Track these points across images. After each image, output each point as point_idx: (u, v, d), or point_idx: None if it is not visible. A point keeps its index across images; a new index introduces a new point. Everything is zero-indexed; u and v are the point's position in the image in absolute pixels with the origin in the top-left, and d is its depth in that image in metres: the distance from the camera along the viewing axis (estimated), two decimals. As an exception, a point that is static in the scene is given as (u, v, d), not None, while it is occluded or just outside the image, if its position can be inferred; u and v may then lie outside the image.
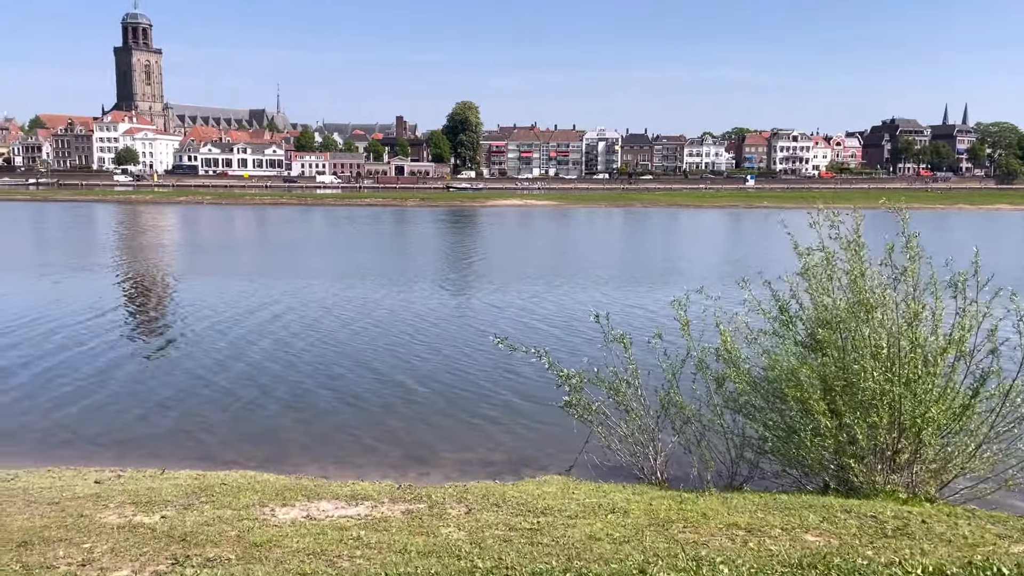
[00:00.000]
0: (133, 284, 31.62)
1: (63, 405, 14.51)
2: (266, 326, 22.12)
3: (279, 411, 14.26)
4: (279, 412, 14.19)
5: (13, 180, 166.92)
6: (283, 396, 15.17)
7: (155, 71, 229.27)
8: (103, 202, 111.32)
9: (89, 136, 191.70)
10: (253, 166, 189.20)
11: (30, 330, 20.97)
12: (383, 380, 16.39)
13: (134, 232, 61.22)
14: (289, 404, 14.67)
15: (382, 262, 38.90)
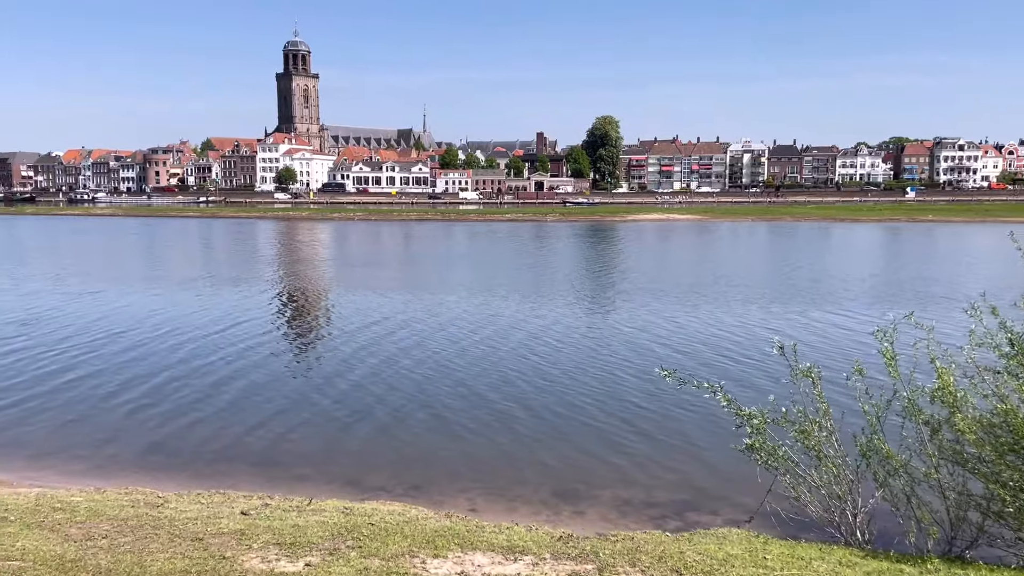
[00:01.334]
0: (284, 298, 32.69)
1: (212, 419, 14.63)
2: (408, 342, 21.97)
3: (424, 433, 13.79)
4: (424, 434, 13.72)
5: (186, 198, 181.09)
6: (427, 417, 14.72)
7: (312, 95, 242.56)
8: (264, 218, 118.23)
9: (253, 157, 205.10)
10: (400, 183, 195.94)
11: (178, 341, 21.82)
12: (528, 404, 15.63)
13: (289, 247, 64.18)
14: (432, 426, 14.19)
15: (519, 277, 38.43)
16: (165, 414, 14.92)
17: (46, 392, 16.51)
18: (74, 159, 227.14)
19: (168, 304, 29.08)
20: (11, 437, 13.68)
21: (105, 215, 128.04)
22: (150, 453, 12.84)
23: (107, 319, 25.55)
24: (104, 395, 16.18)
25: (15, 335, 22.81)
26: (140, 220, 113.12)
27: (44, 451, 12.90)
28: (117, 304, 28.98)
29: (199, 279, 37.53)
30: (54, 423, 14.35)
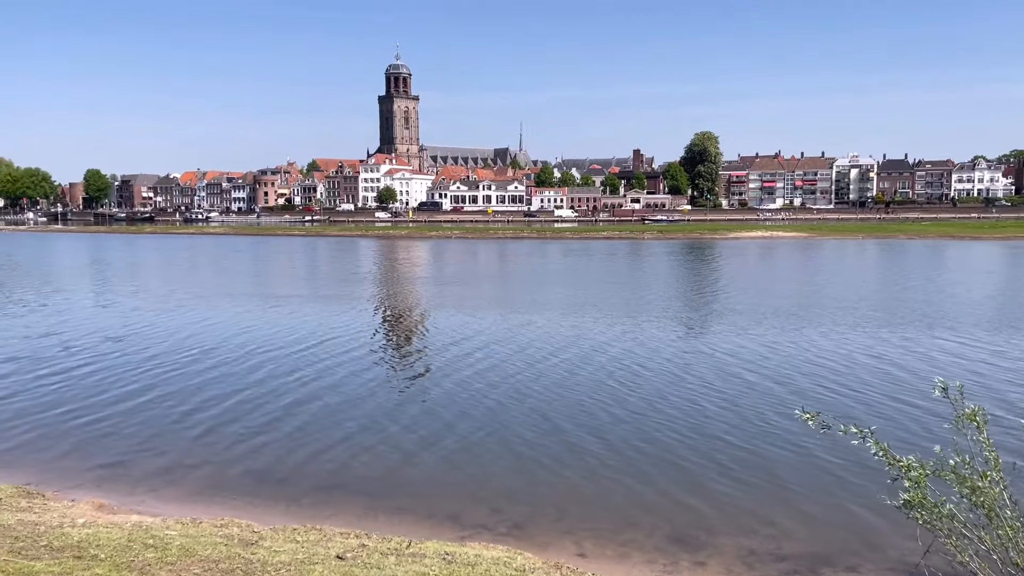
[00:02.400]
0: (382, 315, 32.87)
1: (309, 442, 14.31)
2: (505, 364, 21.36)
3: (524, 466, 13.06)
4: (524, 467, 12.99)
5: (292, 217, 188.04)
6: (528, 449, 13.97)
7: (412, 116, 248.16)
8: (365, 237, 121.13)
9: (355, 177, 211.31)
10: (496, 202, 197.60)
11: (275, 358, 21.95)
12: (638, 436, 14.66)
13: (386, 265, 65.20)
14: (534, 458, 13.45)
15: (609, 297, 37.38)
16: (263, 436, 14.74)
17: (145, 412, 16.63)
18: (190, 180, 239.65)
19: (268, 321, 29.57)
20: (115, 457, 13.71)
21: (217, 234, 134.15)
22: (246, 478, 12.60)
23: (209, 335, 26.10)
24: (204, 417, 16.12)
25: (113, 351, 23.48)
26: (249, 239, 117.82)
27: (145, 473, 12.85)
28: (221, 320, 29.67)
29: (298, 297, 38.27)
30: (156, 444, 14.36)
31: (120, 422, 15.76)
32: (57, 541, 7.68)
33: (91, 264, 65.72)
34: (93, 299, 38.03)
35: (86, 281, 48.54)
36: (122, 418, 16.05)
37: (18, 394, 18.06)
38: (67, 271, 57.37)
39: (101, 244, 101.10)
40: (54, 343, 24.90)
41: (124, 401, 17.43)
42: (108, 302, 36.61)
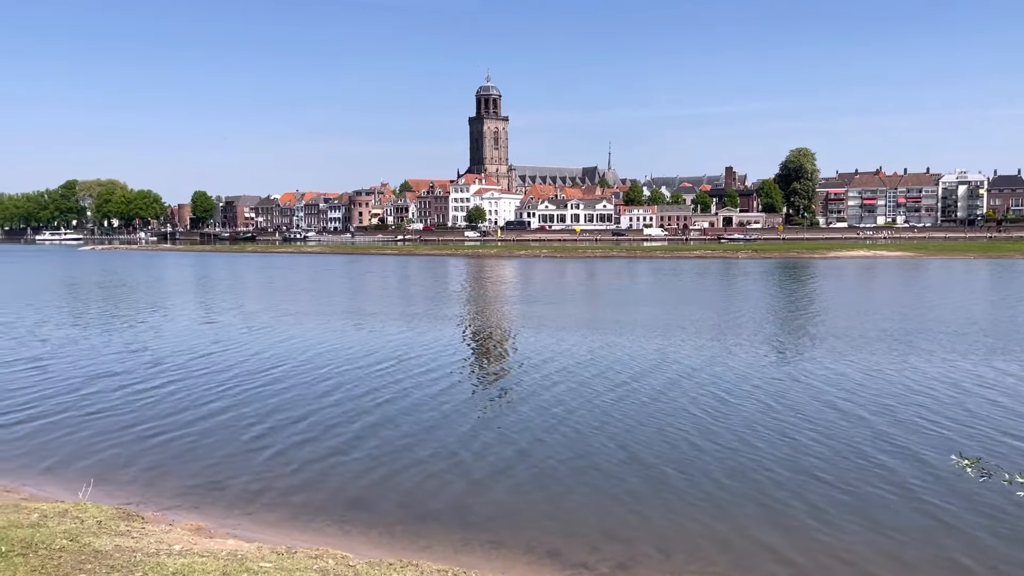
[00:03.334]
0: (467, 334, 32.91)
1: (395, 468, 14.24)
2: (585, 388, 20.94)
3: (613, 501, 12.56)
4: (614, 502, 12.48)
5: (385, 237, 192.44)
6: (613, 481, 13.49)
7: (502, 136, 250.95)
8: (454, 256, 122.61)
9: (446, 197, 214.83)
10: (585, 221, 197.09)
11: (359, 377, 22.15)
12: (723, 470, 13.96)
13: (474, 283, 65.66)
14: (632, 489, 12.94)
15: (697, 318, 36.32)
16: (351, 459, 14.73)
17: (236, 430, 16.93)
18: (289, 201, 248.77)
19: (358, 340, 30.02)
20: (210, 477, 13.87)
21: (314, 252, 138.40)
22: (337, 503, 12.53)
23: (297, 353, 26.66)
24: (293, 437, 16.26)
25: (204, 367, 24.21)
26: (343, 257, 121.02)
27: (239, 494, 12.94)
28: (311, 338, 30.33)
29: (387, 315, 38.84)
30: (249, 465, 14.50)
31: (214, 440, 16.03)
32: (153, 572, 7.74)
33: (194, 282, 68.77)
34: (191, 316, 39.61)
35: (188, 298, 50.70)
36: (216, 436, 16.35)
37: (111, 409, 18.74)
38: (171, 288, 60.16)
39: (205, 263, 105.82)
40: (147, 359, 25.88)
41: (216, 418, 17.83)
42: (205, 319, 38.06)
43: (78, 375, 23.12)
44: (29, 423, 17.58)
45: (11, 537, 7.69)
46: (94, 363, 25.23)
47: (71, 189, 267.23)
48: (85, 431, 16.83)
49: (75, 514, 9.70)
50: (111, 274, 79.02)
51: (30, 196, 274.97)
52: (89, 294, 55.01)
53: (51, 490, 12.98)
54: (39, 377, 22.87)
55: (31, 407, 19.01)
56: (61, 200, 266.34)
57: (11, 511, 9.54)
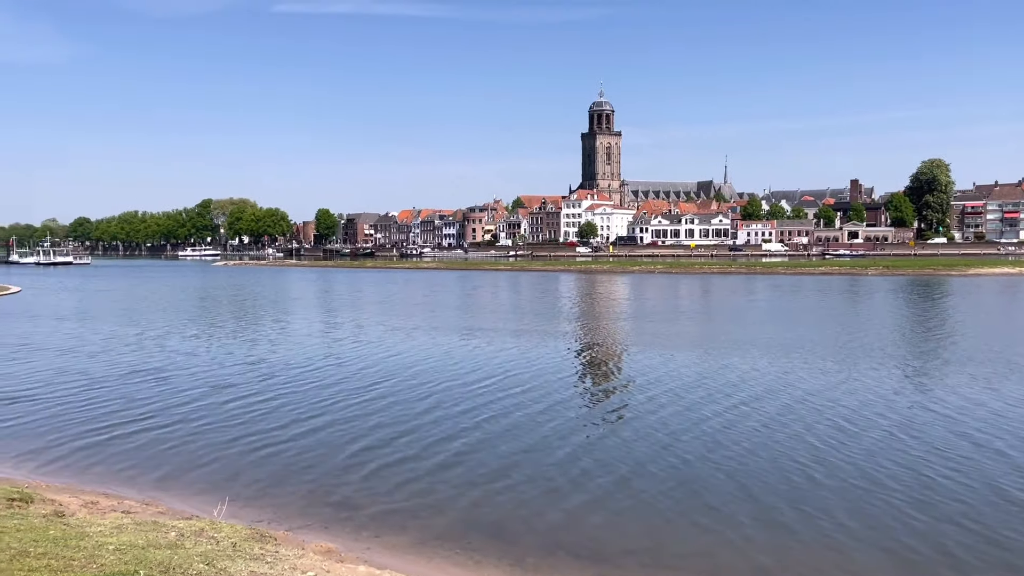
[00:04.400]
0: (577, 351, 32.37)
1: (518, 491, 13.79)
2: (699, 410, 20.06)
3: (726, 536, 11.83)
4: (728, 539, 11.74)
5: (497, 252, 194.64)
6: (736, 514, 12.67)
7: (615, 152, 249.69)
8: (567, 272, 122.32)
9: (558, 213, 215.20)
10: (700, 236, 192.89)
11: (479, 392, 22.01)
12: (844, 509, 12.84)
13: (585, 299, 65.04)
14: (740, 527, 12.15)
15: (818, 339, 34.28)
16: (476, 483, 14.34)
17: (360, 447, 16.92)
18: (406, 218, 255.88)
19: (469, 355, 30.08)
20: (341, 496, 13.73)
21: (429, 268, 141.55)
22: (462, 527, 12.23)
23: (411, 367, 26.93)
24: (416, 455, 16.11)
25: (322, 380, 24.71)
26: (457, 273, 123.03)
27: (369, 515, 12.75)
28: (423, 352, 30.63)
29: (496, 331, 38.84)
30: (378, 484, 14.31)
31: (339, 456, 15.98)
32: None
33: (315, 296, 71.41)
34: (314, 329, 40.91)
35: (308, 312, 52.56)
36: (340, 451, 16.30)
37: (238, 421, 19.24)
38: (294, 302, 62.64)
39: (327, 277, 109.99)
40: (262, 371, 26.68)
41: (336, 434, 17.85)
42: (331, 332, 39.19)
43: (205, 385, 24.09)
44: (162, 431, 18.25)
45: (150, 559, 7.72)
46: (224, 373, 26.31)
47: (206, 208, 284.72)
48: (214, 443, 17.23)
49: (211, 533, 9.69)
50: (240, 288, 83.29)
51: (170, 215, 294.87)
52: (220, 307, 58.04)
53: (186, 504, 13.18)
54: (164, 387, 23.94)
55: (161, 416, 19.82)
56: (197, 218, 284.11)
57: (150, 529, 9.63)
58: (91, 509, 11.54)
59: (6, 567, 6.73)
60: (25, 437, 17.91)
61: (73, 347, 33.60)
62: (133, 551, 8.00)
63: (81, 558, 7.40)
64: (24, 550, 7.36)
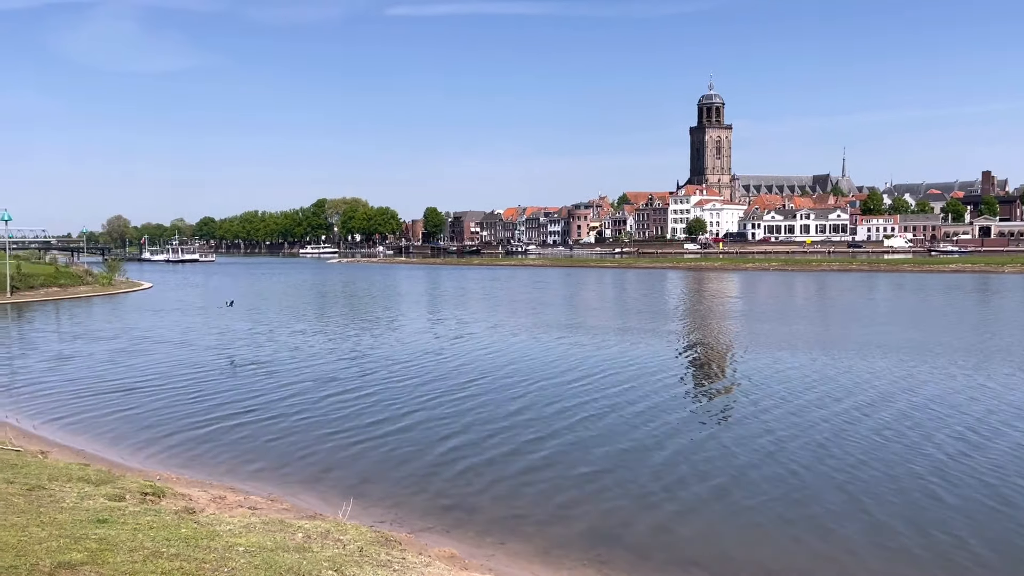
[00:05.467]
0: (681, 350, 31.45)
1: (634, 497, 13.40)
2: (807, 415, 19.00)
3: (835, 557, 11.02)
4: (836, 559, 10.94)
5: (603, 249, 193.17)
6: (845, 532, 11.86)
7: (724, 146, 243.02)
8: (675, 269, 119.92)
9: (665, 209, 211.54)
10: (815, 231, 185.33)
11: (594, 391, 21.64)
12: (972, 531, 11.71)
13: (695, 297, 63.40)
14: (850, 545, 11.32)
15: (951, 338, 31.93)
16: (584, 487, 13.91)
17: (472, 447, 16.82)
18: (511, 216, 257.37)
19: (574, 353, 29.73)
20: (457, 498, 13.53)
21: (534, 265, 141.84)
22: (587, 539, 11.65)
23: (529, 364, 26.80)
24: (528, 458, 15.79)
25: (426, 376, 24.88)
26: (561, 270, 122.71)
27: (490, 520, 12.44)
28: (535, 349, 30.47)
29: (600, 328, 38.29)
30: (493, 487, 14.05)
31: (454, 457, 15.83)
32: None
33: (423, 293, 72.64)
34: (418, 324, 41.54)
35: (414, 308, 53.47)
36: (453, 453, 16.15)
37: (348, 416, 19.55)
38: (402, 298, 63.93)
39: (434, 274, 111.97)
40: (364, 367, 27.21)
41: (447, 432, 17.75)
42: (427, 328, 39.72)
43: (325, 379, 24.73)
44: (282, 424, 18.74)
45: (280, 564, 7.63)
46: (336, 367, 27.01)
47: (321, 207, 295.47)
48: (333, 438, 17.35)
49: (336, 536, 9.59)
50: (352, 284, 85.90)
51: (287, 214, 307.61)
52: (335, 302, 59.94)
53: (309, 501, 13.23)
54: (281, 381, 24.68)
55: (279, 409, 20.43)
56: (312, 217, 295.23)
57: (277, 528, 9.65)
58: (219, 504, 11.77)
59: (140, 568, 6.83)
60: (152, 426, 18.66)
61: (191, 340, 35.30)
62: (263, 554, 7.98)
63: (212, 560, 7.44)
64: (157, 550, 7.48)
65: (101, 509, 9.08)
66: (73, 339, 35.89)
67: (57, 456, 13.79)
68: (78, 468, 11.67)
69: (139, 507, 9.74)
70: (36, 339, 36.44)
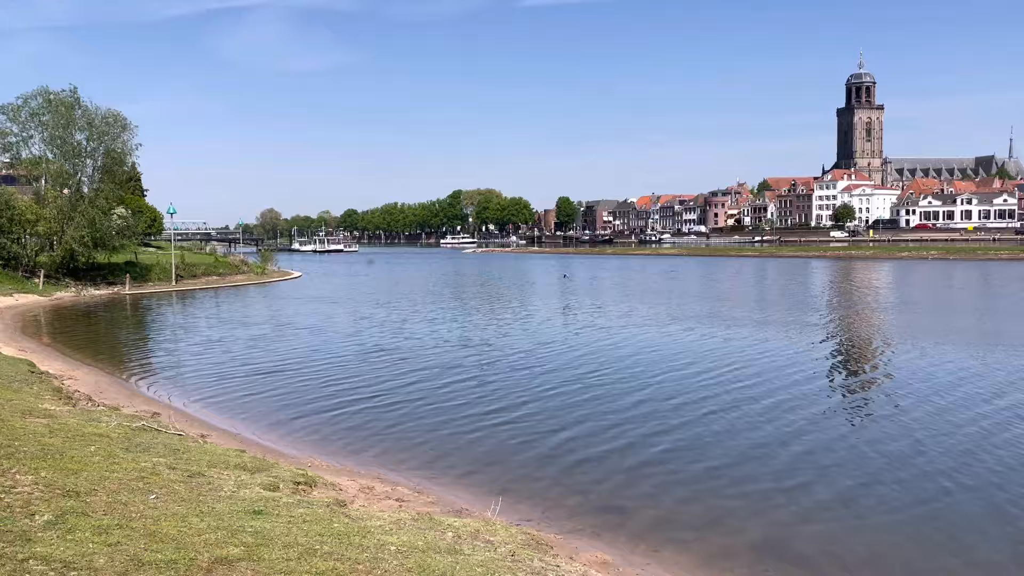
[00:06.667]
0: (819, 345, 29.35)
1: (797, 504, 12.34)
2: (951, 416, 17.13)
3: None
4: None
5: (742, 238, 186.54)
6: (991, 550, 10.38)
7: (875, 127, 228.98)
8: (820, 258, 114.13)
9: (809, 195, 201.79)
10: (979, 217, 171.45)
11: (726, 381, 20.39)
12: None
13: (843, 288, 59.74)
14: (997, 566, 9.90)
15: None
16: (765, 494, 12.84)
17: (630, 440, 16.09)
18: (645, 204, 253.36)
19: (713, 345, 28.36)
20: (607, 498, 12.80)
21: (669, 254, 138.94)
22: (763, 551, 10.65)
23: (649, 355, 25.80)
24: (678, 457, 14.84)
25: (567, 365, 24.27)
26: (697, 259, 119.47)
27: (642, 524, 11.59)
28: (666, 340, 29.36)
29: (734, 319, 36.51)
30: (647, 488, 13.21)
31: (597, 452, 15.10)
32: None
33: (554, 283, 72.35)
34: (545, 314, 41.14)
35: (542, 297, 53.16)
36: (599, 447, 15.42)
37: (489, 406, 19.14)
38: (532, 288, 63.90)
39: (566, 264, 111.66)
40: (531, 355, 26.92)
41: (593, 425, 17.07)
42: (549, 318, 39.22)
43: (467, 367, 24.65)
44: (422, 412, 18.54)
45: (431, 567, 7.21)
46: (473, 355, 26.99)
47: (456, 198, 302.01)
48: (477, 429, 16.92)
49: (486, 536, 9.10)
50: (486, 273, 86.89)
51: (424, 205, 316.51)
52: (466, 290, 60.68)
53: (454, 493, 12.85)
54: (425, 370, 24.76)
55: (418, 398, 20.28)
56: (448, 208, 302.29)
57: (427, 526, 9.26)
58: (368, 495, 11.62)
59: (294, 567, 6.62)
60: (303, 411, 18.84)
61: (335, 327, 36.33)
62: (415, 555, 7.63)
63: (366, 560, 7.14)
64: (311, 547, 7.27)
65: (257, 499, 8.99)
66: (240, 324, 37.67)
67: (215, 440, 14.11)
68: (235, 455, 11.79)
69: (292, 498, 9.61)
70: (196, 324, 38.65)
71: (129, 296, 53.15)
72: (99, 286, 54.60)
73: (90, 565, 5.90)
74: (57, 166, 54.78)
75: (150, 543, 6.62)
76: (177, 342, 31.90)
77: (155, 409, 17.00)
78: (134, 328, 38.97)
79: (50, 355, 26.19)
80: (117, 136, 56.05)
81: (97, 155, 56.11)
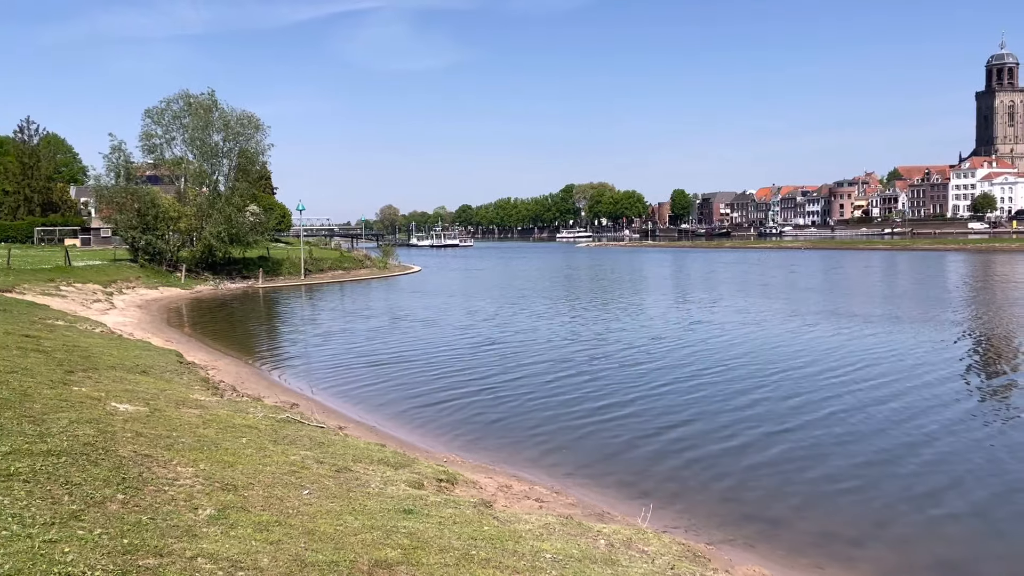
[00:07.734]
0: (961, 341, 27.20)
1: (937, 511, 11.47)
2: None
3: None
4: None
5: (870, 230, 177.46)
6: None
7: (1019, 111, 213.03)
8: (957, 251, 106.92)
9: (944, 184, 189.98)
10: None
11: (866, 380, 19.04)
12: None
13: (983, 283, 55.52)
14: None
15: None
16: (925, 499, 12.05)
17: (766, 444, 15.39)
18: (764, 196, 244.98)
19: (821, 342, 26.76)
20: (754, 503, 12.04)
21: (791, 247, 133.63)
22: (941, 570, 9.86)
23: (782, 350, 24.55)
24: (841, 463, 13.98)
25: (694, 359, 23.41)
26: (822, 252, 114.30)
27: (801, 537, 10.75)
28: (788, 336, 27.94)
29: (854, 315, 34.31)
30: (799, 498, 12.35)
31: (736, 453, 14.38)
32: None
33: (667, 276, 70.76)
34: (661, 307, 40.08)
35: (655, 291, 51.94)
36: (737, 448, 14.71)
37: (615, 402, 18.66)
38: (644, 282, 62.64)
39: (680, 257, 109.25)
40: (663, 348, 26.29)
41: (724, 425, 16.44)
42: (666, 311, 38.11)
43: (600, 359, 24.34)
44: (549, 408, 18.24)
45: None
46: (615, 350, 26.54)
47: (568, 193, 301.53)
48: (616, 429, 16.29)
49: (640, 546, 8.62)
50: (599, 267, 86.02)
51: (537, 200, 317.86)
52: (579, 284, 60.18)
53: (597, 496, 12.41)
54: (529, 363, 24.54)
55: (542, 392, 20.00)
56: (560, 203, 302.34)
57: (577, 532, 8.82)
58: (507, 495, 11.35)
59: (454, 573, 6.39)
60: (432, 403, 18.83)
61: (448, 319, 36.61)
62: (572, 565, 7.23)
63: (524, 569, 6.85)
64: (467, 552, 7.04)
65: (405, 497, 8.86)
66: (375, 314, 38.69)
67: (352, 432, 14.23)
68: (377, 448, 11.78)
69: (438, 496, 9.44)
70: (321, 316, 39.91)
71: (262, 289, 55.59)
72: (235, 280, 57.38)
73: (255, 564, 5.82)
74: (196, 166, 57.85)
75: (310, 542, 6.54)
76: (304, 333, 32.97)
77: (293, 400, 17.40)
78: (266, 319, 40.65)
79: (193, 345, 27.49)
80: (251, 136, 58.69)
81: (232, 155, 58.91)
